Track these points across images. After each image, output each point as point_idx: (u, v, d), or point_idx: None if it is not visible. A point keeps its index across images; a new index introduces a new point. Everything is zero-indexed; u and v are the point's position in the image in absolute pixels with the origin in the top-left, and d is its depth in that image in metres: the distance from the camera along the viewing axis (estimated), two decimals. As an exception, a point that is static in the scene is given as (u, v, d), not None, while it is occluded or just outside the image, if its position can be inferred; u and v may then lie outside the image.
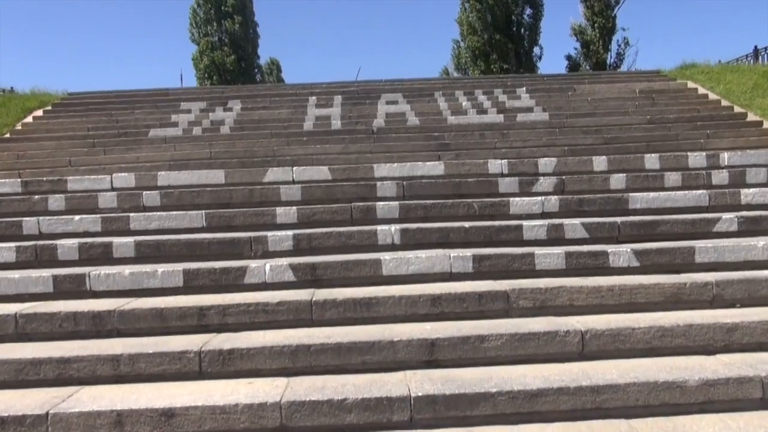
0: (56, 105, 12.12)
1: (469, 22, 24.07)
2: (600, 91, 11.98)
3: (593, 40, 25.04)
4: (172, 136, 10.50)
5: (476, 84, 12.47)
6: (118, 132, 10.68)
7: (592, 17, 25.09)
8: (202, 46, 25.09)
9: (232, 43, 24.85)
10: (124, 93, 12.42)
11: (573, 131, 10.26)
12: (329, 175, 6.40)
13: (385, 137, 10.18)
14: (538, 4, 24.79)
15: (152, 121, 11.11)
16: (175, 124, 10.96)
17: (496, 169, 6.46)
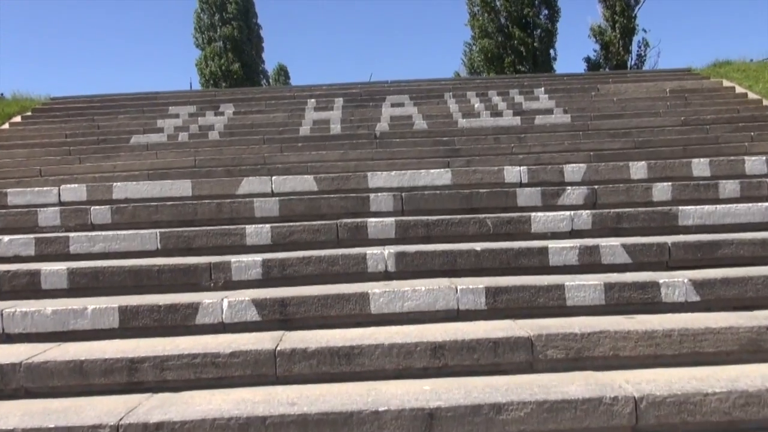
0: (36, 110, 11.29)
1: (481, 25, 23.02)
2: (626, 91, 10.88)
3: (613, 41, 23.88)
4: (155, 142, 9.59)
5: (490, 84, 11.44)
6: (98, 139, 9.79)
7: (612, 17, 23.93)
8: (207, 52, 24.34)
9: (234, 49, 24.05)
10: (109, 97, 11.57)
11: (599, 134, 9.18)
12: (315, 186, 5.40)
13: (388, 142, 9.17)
14: (554, 5, 23.69)
15: (136, 126, 10.22)
16: (160, 129, 10.06)
17: (513, 177, 5.41)
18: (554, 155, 8.37)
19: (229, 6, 23.57)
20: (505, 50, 22.80)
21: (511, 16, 22.48)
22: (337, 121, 10.11)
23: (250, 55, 26.00)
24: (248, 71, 25.61)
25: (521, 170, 5.38)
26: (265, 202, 4.96)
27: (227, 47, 23.97)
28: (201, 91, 11.66)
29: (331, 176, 5.39)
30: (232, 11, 23.72)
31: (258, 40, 27.02)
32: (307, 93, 11.33)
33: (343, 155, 8.75)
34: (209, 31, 24.06)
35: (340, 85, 11.57)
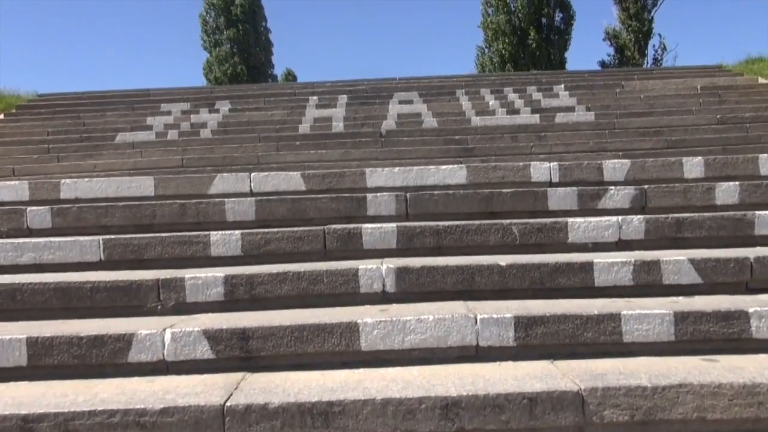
0: (21, 107, 10.43)
1: (496, 27, 22.00)
2: (653, 88, 9.82)
3: (628, 44, 22.79)
4: (142, 140, 8.67)
5: (505, 81, 10.43)
6: (81, 137, 8.88)
7: (627, 20, 22.85)
8: (214, 54, 23.54)
9: (241, 52, 23.22)
10: (99, 94, 10.69)
11: (626, 133, 8.12)
12: (302, 185, 4.41)
13: (395, 141, 8.18)
14: (569, 7, 22.64)
15: (124, 124, 9.31)
16: (149, 127, 9.13)
17: (541, 175, 4.38)
18: (579, 155, 7.33)
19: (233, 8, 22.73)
20: (519, 53, 21.77)
21: (525, 18, 21.45)
22: (339, 118, 9.14)
23: (258, 59, 25.15)
24: (256, 74, 24.76)
25: (551, 167, 4.35)
26: (239, 203, 3.97)
27: (233, 50, 23.14)
28: (197, 88, 10.76)
29: (322, 173, 4.40)
30: (238, 13, 22.89)
31: (267, 44, 26.18)
32: (309, 90, 10.38)
33: (344, 154, 7.77)
34: (215, 33, 23.25)
35: (345, 82, 10.61)
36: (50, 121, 9.60)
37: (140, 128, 9.06)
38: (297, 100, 9.96)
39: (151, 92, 10.67)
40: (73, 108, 10.16)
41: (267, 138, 8.46)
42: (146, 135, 8.81)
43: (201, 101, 10.15)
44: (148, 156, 8.07)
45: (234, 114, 9.57)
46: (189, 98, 10.26)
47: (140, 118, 9.47)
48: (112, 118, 9.58)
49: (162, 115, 9.62)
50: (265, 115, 9.44)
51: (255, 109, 9.71)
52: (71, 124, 9.48)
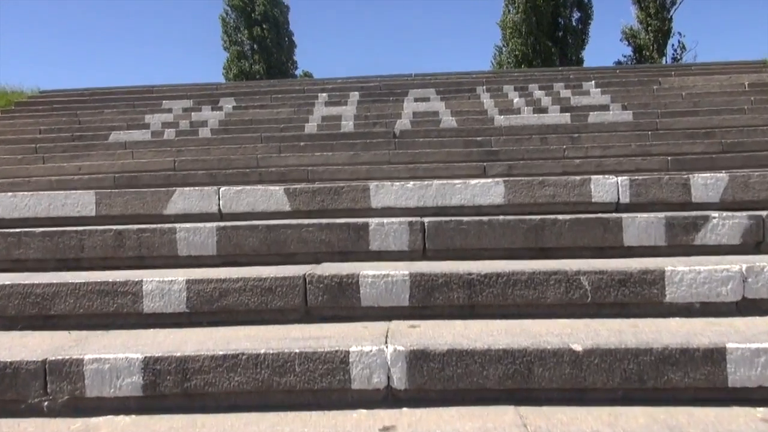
0: (19, 104, 9.28)
1: (513, 26, 20.43)
2: (695, 85, 8.33)
3: (647, 44, 21.07)
4: (136, 140, 7.45)
5: (529, 77, 9.01)
6: (73, 135, 7.69)
7: (646, 19, 21.11)
8: (232, 54, 22.31)
9: (262, 51, 21.94)
10: (101, 90, 9.48)
11: (672, 135, 6.69)
12: (286, 203, 3.10)
13: (409, 143, 6.85)
14: (587, 7, 20.98)
15: (120, 122, 8.10)
16: (146, 126, 7.91)
17: (606, 193, 3.01)
18: (621, 160, 5.94)
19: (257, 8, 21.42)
20: (536, 52, 20.20)
21: (543, 17, 19.86)
22: (350, 117, 7.83)
23: (278, 60, 23.85)
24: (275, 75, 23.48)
25: (619, 183, 2.99)
26: (196, 232, 2.70)
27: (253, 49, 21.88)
28: (202, 85, 9.51)
29: (312, 188, 3.09)
30: (260, 13, 21.58)
31: (290, 45, 24.83)
32: (318, 87, 9.07)
33: (352, 158, 6.46)
34: (235, 33, 21.99)
35: (357, 79, 9.27)
36: (45, 119, 8.42)
37: (136, 127, 7.84)
38: (305, 97, 8.66)
39: (155, 89, 9.44)
40: (71, 105, 8.98)
41: (269, 138, 7.18)
42: (141, 134, 7.59)
43: (205, 98, 8.90)
44: (139, 157, 6.85)
45: (237, 112, 8.31)
46: (193, 95, 9.02)
47: (138, 116, 8.25)
48: (109, 116, 8.38)
49: (162, 112, 8.39)
50: (271, 113, 8.16)
51: (260, 106, 8.43)
52: (66, 122, 8.30)
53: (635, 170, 5.85)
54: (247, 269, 2.57)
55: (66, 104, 9.00)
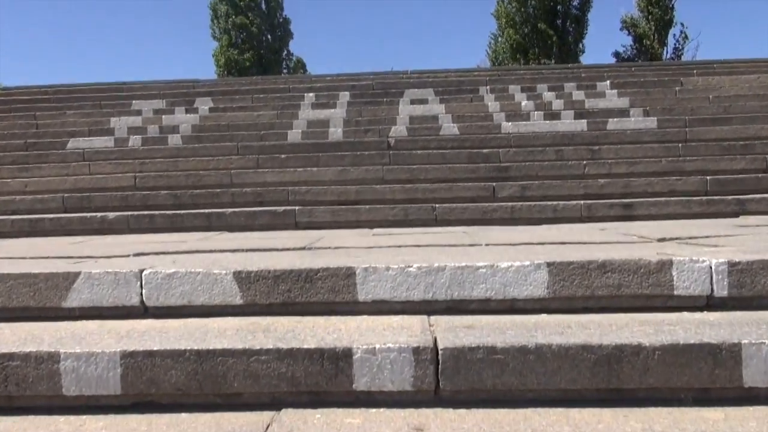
0: (-27, 104, 8.17)
1: (507, 16, 19.23)
2: (721, 86, 7.33)
3: (647, 33, 19.94)
4: (97, 149, 6.39)
5: (537, 75, 7.96)
6: (26, 143, 6.61)
7: (647, 8, 19.94)
8: (223, 42, 20.99)
9: (251, 39, 20.64)
10: (66, 88, 8.35)
11: (705, 147, 5.71)
12: (236, 294, 2.07)
13: (406, 155, 5.84)
14: (586, -6, 19.78)
15: (82, 126, 7.01)
16: (110, 131, 6.84)
17: (693, 282, 2.02)
18: (651, 181, 4.98)
19: (244, -4, 20.08)
20: (533, 41, 19.05)
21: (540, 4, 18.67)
22: (339, 122, 6.79)
23: (271, 48, 22.54)
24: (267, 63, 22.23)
25: (713, 267, 2.00)
26: (90, 361, 1.74)
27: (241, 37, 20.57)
28: (177, 82, 8.40)
29: (275, 272, 2.10)
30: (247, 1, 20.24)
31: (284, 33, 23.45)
32: (305, 85, 7.99)
33: (341, 174, 5.46)
34: (225, 20, 20.63)
35: (348, 76, 8.20)
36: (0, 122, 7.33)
37: (99, 132, 6.77)
38: (290, 98, 7.60)
39: (125, 86, 8.33)
40: (31, 105, 7.86)
41: (247, 149, 6.15)
42: (103, 141, 6.53)
43: (180, 98, 7.81)
44: (97, 171, 5.81)
45: (214, 114, 7.24)
46: (166, 94, 7.92)
47: (104, 119, 7.16)
48: (71, 119, 7.29)
49: (130, 114, 7.31)
50: (250, 117, 7.10)
51: (240, 108, 7.36)
52: (22, 125, 7.21)
53: (668, 192, 4.90)
54: (167, 418, 1.60)
55: (27, 104, 7.89)
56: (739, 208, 4.59)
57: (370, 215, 4.66)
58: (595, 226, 4.18)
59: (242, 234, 4.42)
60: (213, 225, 4.70)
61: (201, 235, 4.25)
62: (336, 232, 4.19)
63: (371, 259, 2.20)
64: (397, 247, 3.03)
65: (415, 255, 2.46)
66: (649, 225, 4.18)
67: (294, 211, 4.70)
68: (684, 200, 4.62)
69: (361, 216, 4.66)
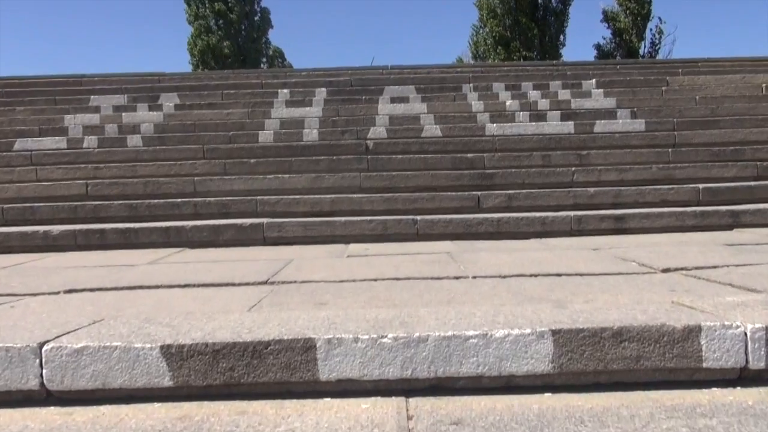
0: None
1: (490, 5, 18.78)
2: (707, 86, 7.05)
3: (627, 27, 19.76)
4: (48, 150, 5.81)
5: (522, 73, 7.57)
6: (-31, 143, 6.00)
7: (625, 2, 19.77)
8: (196, 28, 20.11)
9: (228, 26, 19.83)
10: (18, 80, 7.66)
11: (695, 153, 5.41)
12: (164, 373, 1.64)
13: (385, 161, 5.41)
14: (567, -14, 19.44)
15: (33, 124, 6.40)
16: (64, 130, 6.25)
17: (725, 352, 1.70)
18: (642, 190, 4.65)
19: (220, -19, 19.22)
20: (514, 33, 18.67)
21: (521, -4, 18.27)
22: (314, 122, 6.32)
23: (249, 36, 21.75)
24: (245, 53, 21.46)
25: (748, 334, 1.69)
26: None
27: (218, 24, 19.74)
28: (141, 75, 7.79)
29: (210, 347, 1.67)
30: (224, -13, 19.41)
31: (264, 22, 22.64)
32: (279, 80, 7.46)
33: (315, 181, 5.01)
34: (199, 5, 19.74)
35: (325, 71, 7.69)
36: (-59, 119, 6.65)
37: (51, 132, 6.18)
38: (263, 95, 7.08)
39: (85, 79, 7.69)
40: (-21, 100, 7.19)
41: (214, 151, 5.65)
42: (55, 142, 5.94)
43: (143, 93, 7.22)
44: (46, 176, 5.26)
45: (179, 113, 6.68)
46: (129, 89, 7.32)
47: (57, 117, 6.55)
48: (21, 116, 6.65)
49: (87, 111, 6.71)
50: (219, 115, 6.57)
51: (208, 105, 6.82)
52: (-33, 123, 6.56)
53: (660, 203, 4.59)
54: None
55: (-28, 99, 7.19)
56: (733, 220, 4.29)
57: (346, 229, 4.23)
58: (587, 242, 3.83)
59: (204, 252, 3.96)
60: (172, 240, 4.22)
61: (155, 255, 3.78)
62: (307, 252, 3.75)
63: (340, 307, 1.79)
64: (372, 281, 2.62)
65: (392, 301, 2.05)
66: (643, 241, 3.85)
67: (262, 224, 4.24)
68: (677, 212, 4.30)
69: (336, 230, 4.23)
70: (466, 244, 3.97)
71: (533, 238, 4.19)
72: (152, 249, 4.18)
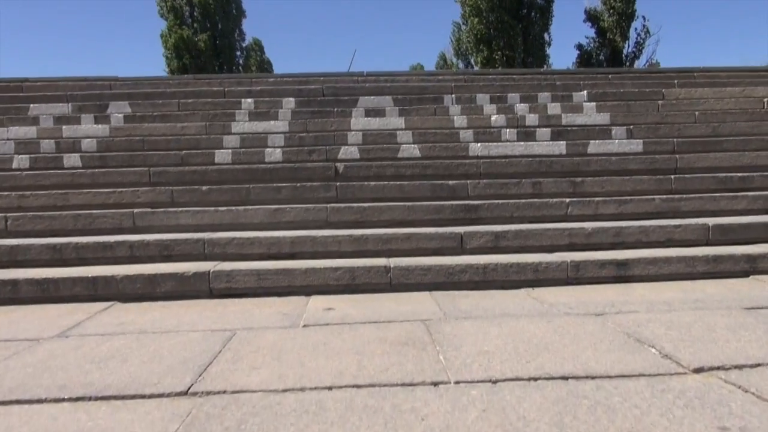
0: None
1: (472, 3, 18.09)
2: (706, 100, 6.50)
3: (611, 26, 19.29)
4: (-30, 173, 5.00)
5: (508, 82, 6.92)
6: None
7: (610, 1, 19.28)
8: (170, 21, 19.04)
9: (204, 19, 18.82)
10: (-52, 87, 6.77)
11: (700, 180, 4.86)
12: None
13: (357, 188, 4.73)
14: (551, -17, 18.83)
15: (-42, 140, 5.56)
16: (-8, 147, 5.43)
17: None
18: (646, 227, 4.06)
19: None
20: (498, 31, 18.04)
21: (505, -8, 17.63)
22: (279, 138, 5.60)
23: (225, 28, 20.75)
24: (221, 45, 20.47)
25: None
26: None
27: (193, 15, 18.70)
28: (92, 79, 6.95)
29: None
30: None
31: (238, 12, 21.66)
32: (244, 88, 6.69)
33: (275, 214, 4.32)
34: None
35: (294, 77, 6.94)
36: None
37: (-23, 149, 5.35)
38: (224, 104, 6.32)
39: (27, 84, 6.82)
40: None
41: (161, 175, 4.91)
42: (-20, 163, 5.13)
43: (91, 101, 6.39)
44: (-38, 207, 4.46)
45: (129, 125, 5.89)
46: (75, 96, 6.48)
47: (-12, 130, 5.72)
48: (-54, 129, 5.80)
49: (24, 124, 5.88)
50: (173, 129, 5.80)
51: (162, 117, 6.04)
52: None
53: (666, 242, 4.01)
54: None
55: None
56: (749, 266, 3.74)
57: (307, 278, 3.56)
58: (587, 300, 3.23)
59: (137, 309, 3.28)
60: (100, 293, 3.51)
61: (74, 317, 3.08)
62: (257, 315, 3.08)
63: None
64: (325, 394, 1.97)
65: None
66: (652, 299, 3.26)
67: (208, 274, 3.55)
68: (686, 256, 3.72)
69: (296, 279, 3.56)
70: (447, 299, 3.34)
71: (524, 288, 3.58)
72: (75, 304, 3.48)
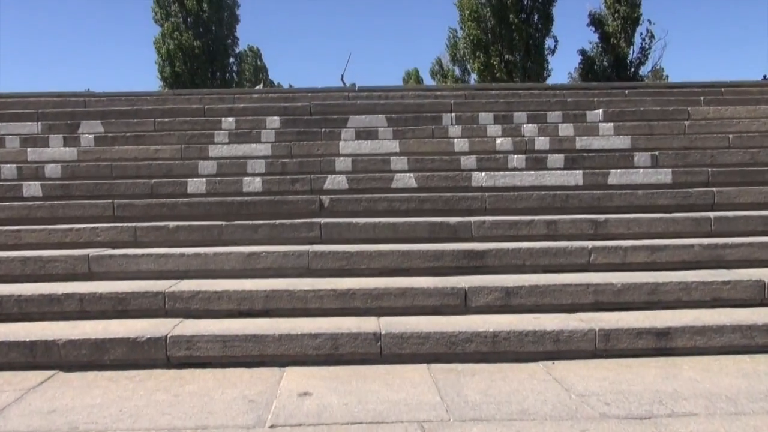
0: None
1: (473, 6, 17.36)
2: (739, 119, 5.77)
3: (615, 31, 18.57)
4: None
5: (512, 98, 6.24)
6: None
7: (614, 5, 18.55)
8: (166, 28, 18.49)
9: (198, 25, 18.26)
10: None
11: (746, 222, 4.19)
12: None
13: (344, 227, 4.08)
14: (551, -12, 18.07)
15: None
16: (-59, 175, 4.82)
17: None
18: (688, 284, 3.39)
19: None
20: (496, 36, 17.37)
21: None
22: (260, 165, 4.96)
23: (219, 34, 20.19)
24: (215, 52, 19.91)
25: None
26: None
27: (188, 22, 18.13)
28: (65, 95, 6.36)
29: None
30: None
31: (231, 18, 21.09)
32: (225, 105, 6.05)
33: (248, 260, 3.69)
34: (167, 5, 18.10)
35: (280, 93, 6.32)
36: None
37: (-75, 177, 4.75)
38: (203, 124, 5.69)
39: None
40: None
41: (126, 208, 4.29)
42: (-76, 193, 4.52)
43: (62, 119, 5.78)
44: None
45: (99, 148, 5.28)
46: (47, 114, 5.87)
47: (-58, 154, 5.12)
48: None
49: (-17, 146, 5.29)
50: (146, 152, 5.18)
51: (135, 138, 5.42)
52: None
53: (712, 301, 3.34)
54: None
55: None
56: (813, 333, 3.07)
57: (282, 346, 2.93)
58: (627, 389, 2.58)
59: (79, 381, 2.75)
60: (39, 360, 2.92)
61: None
62: (216, 399, 2.45)
63: None
64: None
65: None
66: (708, 388, 2.60)
67: (165, 340, 2.92)
68: (741, 324, 3.04)
69: (268, 348, 2.93)
70: (450, 380, 2.71)
71: (542, 361, 2.93)
72: (10, 373, 2.90)
